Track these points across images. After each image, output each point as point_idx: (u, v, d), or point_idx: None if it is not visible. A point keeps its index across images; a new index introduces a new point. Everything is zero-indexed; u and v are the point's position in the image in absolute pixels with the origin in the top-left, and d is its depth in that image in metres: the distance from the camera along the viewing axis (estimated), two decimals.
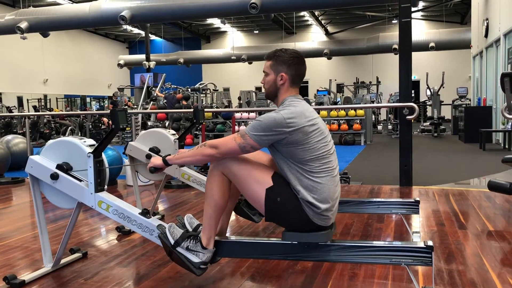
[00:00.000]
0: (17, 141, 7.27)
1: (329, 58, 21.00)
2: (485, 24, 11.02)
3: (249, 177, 2.07)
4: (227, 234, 2.66)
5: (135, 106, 14.87)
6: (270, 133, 1.99)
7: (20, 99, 19.84)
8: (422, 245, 1.90)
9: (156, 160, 2.20)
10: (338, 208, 2.19)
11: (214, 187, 2.12)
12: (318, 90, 18.48)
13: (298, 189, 2.02)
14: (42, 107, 19.43)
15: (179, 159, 2.14)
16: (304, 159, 2.00)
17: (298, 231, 2.05)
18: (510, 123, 8.66)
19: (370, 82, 18.91)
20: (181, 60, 22.22)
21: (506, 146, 8.89)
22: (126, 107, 14.38)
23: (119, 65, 23.10)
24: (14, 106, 17.98)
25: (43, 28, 13.94)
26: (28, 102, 19.67)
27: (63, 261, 2.64)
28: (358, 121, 11.43)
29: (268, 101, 14.62)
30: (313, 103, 13.87)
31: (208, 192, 2.15)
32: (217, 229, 2.19)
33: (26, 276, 2.44)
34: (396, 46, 16.60)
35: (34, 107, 18.05)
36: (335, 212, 2.11)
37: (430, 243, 1.90)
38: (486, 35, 11.09)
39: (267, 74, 2.18)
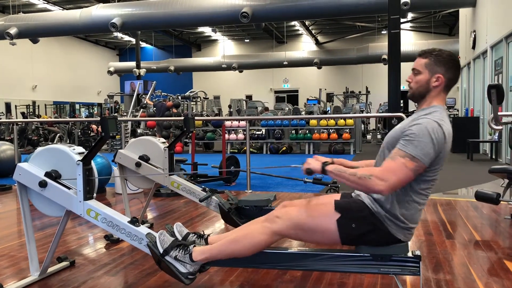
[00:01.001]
0: (4, 148, 7.19)
1: (319, 68, 21.21)
2: (473, 36, 11.19)
3: (316, 217, 1.96)
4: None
5: (125, 114, 14.81)
6: (434, 153, 1.81)
7: (8, 105, 19.65)
8: (410, 254, 1.92)
9: (315, 163, 1.94)
10: None
11: (251, 241, 2.02)
12: (308, 99, 18.62)
13: (390, 201, 1.89)
14: (31, 113, 19.27)
15: (338, 175, 1.86)
16: (420, 179, 1.86)
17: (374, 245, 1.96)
18: (497, 134, 8.76)
19: (360, 92, 19.08)
20: (172, 68, 22.23)
21: (493, 157, 8.99)
22: (116, 114, 14.34)
23: (109, 72, 23.02)
24: (2, 113, 17.82)
25: (33, 34, 13.89)
26: (16, 108, 19.49)
27: (50, 269, 2.61)
28: (347, 131, 11.50)
29: (259, 109, 14.68)
30: (303, 112, 13.94)
31: (241, 238, 2.05)
32: None
33: (12, 285, 2.41)
34: (385, 57, 16.76)
35: (23, 113, 17.90)
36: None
37: (418, 252, 1.92)
38: (473, 47, 11.25)
39: (419, 73, 1.96)
